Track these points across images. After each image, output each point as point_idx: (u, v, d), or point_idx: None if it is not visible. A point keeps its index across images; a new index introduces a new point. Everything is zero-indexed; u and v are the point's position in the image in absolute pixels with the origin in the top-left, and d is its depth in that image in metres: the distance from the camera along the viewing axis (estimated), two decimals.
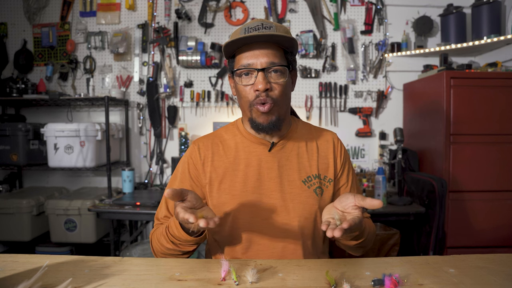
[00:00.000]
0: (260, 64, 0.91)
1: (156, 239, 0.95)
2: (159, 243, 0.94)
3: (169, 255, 0.94)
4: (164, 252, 0.94)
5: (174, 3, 2.69)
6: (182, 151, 2.69)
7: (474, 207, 2.08)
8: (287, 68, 0.95)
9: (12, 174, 2.83)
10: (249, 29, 0.92)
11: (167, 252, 0.93)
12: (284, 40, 0.92)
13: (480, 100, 2.07)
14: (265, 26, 0.92)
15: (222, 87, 2.73)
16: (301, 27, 2.68)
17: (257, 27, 0.92)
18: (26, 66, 2.74)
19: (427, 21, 2.55)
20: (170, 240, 0.90)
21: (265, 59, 0.91)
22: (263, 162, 1.00)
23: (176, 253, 0.92)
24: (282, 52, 0.95)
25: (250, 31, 0.92)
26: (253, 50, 0.92)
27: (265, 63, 0.91)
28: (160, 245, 0.93)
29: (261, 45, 0.92)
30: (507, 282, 0.72)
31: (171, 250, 0.92)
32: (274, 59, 0.92)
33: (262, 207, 0.97)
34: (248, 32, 0.92)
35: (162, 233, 0.92)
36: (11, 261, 0.83)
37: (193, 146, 1.05)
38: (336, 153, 1.06)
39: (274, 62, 0.92)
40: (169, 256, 0.94)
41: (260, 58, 0.91)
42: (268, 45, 0.92)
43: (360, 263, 0.84)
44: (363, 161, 2.72)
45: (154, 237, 0.98)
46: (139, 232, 2.73)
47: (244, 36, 0.90)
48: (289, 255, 0.96)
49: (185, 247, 0.90)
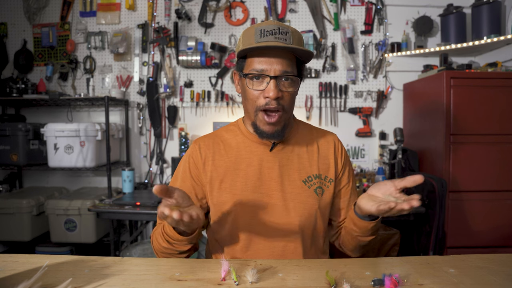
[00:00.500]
0: (274, 71, 0.90)
1: (155, 238, 0.96)
2: (157, 242, 0.94)
3: (168, 254, 0.94)
4: (162, 251, 0.94)
5: (174, 3, 2.69)
6: (182, 151, 2.69)
7: (474, 207, 2.08)
8: (299, 78, 0.95)
9: (12, 174, 2.83)
10: (265, 32, 0.90)
11: (165, 251, 0.93)
12: (300, 51, 0.91)
13: (480, 100, 2.07)
14: (281, 31, 0.90)
15: (222, 87, 2.73)
16: (301, 27, 2.68)
17: (273, 31, 0.90)
18: (26, 66, 2.74)
19: (427, 21, 2.55)
20: (165, 239, 0.90)
21: (279, 67, 0.90)
22: (264, 162, 1.00)
23: (172, 252, 0.92)
24: (295, 61, 0.94)
25: (266, 35, 0.90)
26: (268, 56, 0.90)
27: (278, 71, 0.90)
28: (158, 244, 0.94)
29: (276, 52, 0.90)
30: (507, 282, 0.72)
31: (168, 249, 0.92)
32: (288, 68, 0.91)
33: (262, 207, 0.97)
34: (264, 35, 0.90)
35: (159, 232, 0.93)
36: (11, 261, 0.83)
37: (194, 146, 1.05)
38: (337, 154, 1.06)
39: (288, 71, 0.91)
40: (168, 255, 0.94)
41: (274, 65, 0.90)
42: (283, 53, 0.91)
43: (360, 263, 0.84)
44: (363, 161, 2.72)
45: (154, 236, 0.98)
46: (139, 232, 2.73)
47: (262, 45, 0.88)
48: (289, 254, 0.96)
49: (180, 247, 0.90)
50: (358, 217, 0.91)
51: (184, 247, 0.90)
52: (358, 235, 0.95)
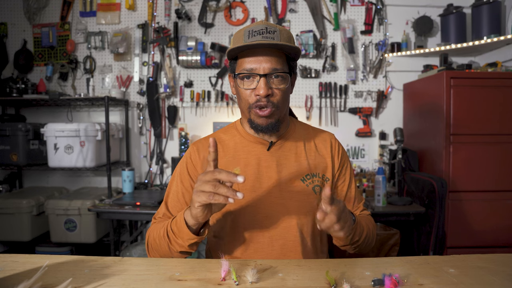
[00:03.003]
0: (263, 69, 0.92)
1: (154, 230, 0.94)
2: (156, 234, 0.92)
3: (160, 251, 0.92)
4: (156, 246, 0.92)
5: (174, 3, 2.69)
6: (182, 151, 2.69)
7: (474, 207, 2.08)
8: (289, 74, 0.96)
9: (12, 174, 2.83)
10: (253, 32, 0.92)
11: (159, 247, 0.91)
12: (287, 47, 0.93)
13: (480, 100, 2.07)
14: (269, 30, 0.92)
15: (222, 87, 2.73)
16: (301, 27, 2.68)
17: (261, 31, 0.92)
18: (26, 66, 2.74)
19: (427, 21, 2.55)
20: (166, 233, 0.88)
21: (267, 65, 0.92)
22: (262, 161, 1.01)
23: (164, 249, 0.90)
24: (284, 58, 0.96)
25: (254, 35, 0.92)
26: (256, 55, 0.92)
27: (267, 69, 0.92)
28: (156, 237, 0.92)
29: (264, 51, 0.92)
30: (507, 282, 0.72)
31: (162, 245, 0.90)
32: (277, 65, 0.93)
33: (261, 206, 0.97)
34: (252, 36, 0.92)
35: (163, 225, 0.91)
36: (11, 261, 0.83)
37: (192, 147, 1.06)
38: (333, 153, 1.07)
39: (277, 68, 0.92)
40: (161, 254, 0.92)
41: (263, 64, 0.92)
42: (271, 51, 0.93)
43: (360, 263, 0.84)
44: (363, 161, 2.72)
45: (151, 230, 0.96)
46: (139, 232, 2.73)
47: (248, 44, 0.90)
48: (289, 253, 0.97)
49: (176, 246, 0.88)
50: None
51: (179, 247, 0.88)
52: (340, 245, 0.96)
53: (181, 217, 0.86)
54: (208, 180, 0.76)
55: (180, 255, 0.90)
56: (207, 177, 0.76)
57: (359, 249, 0.99)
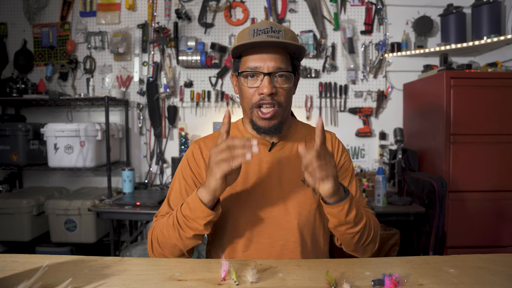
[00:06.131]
0: (267, 68, 0.92)
1: (159, 224, 0.93)
2: (162, 226, 0.91)
3: (168, 243, 0.90)
4: (163, 239, 0.90)
5: (174, 3, 2.69)
6: (182, 151, 2.69)
7: (474, 207, 2.08)
8: (293, 74, 0.96)
9: (12, 174, 2.83)
10: (258, 31, 0.93)
11: (167, 239, 0.89)
12: (292, 46, 0.93)
13: (480, 100, 2.07)
14: (274, 29, 0.92)
15: (222, 87, 2.73)
16: (301, 27, 2.68)
17: (266, 29, 0.92)
18: (26, 66, 2.74)
19: (427, 21, 2.55)
20: (176, 220, 0.86)
21: (272, 64, 0.92)
22: (263, 162, 1.01)
23: (174, 239, 0.88)
24: (289, 57, 0.96)
25: (259, 33, 0.92)
26: (261, 53, 0.92)
27: (272, 67, 0.92)
28: (163, 229, 0.90)
29: (269, 49, 0.92)
30: (507, 282, 0.72)
31: (172, 235, 0.88)
32: (281, 64, 0.93)
33: (262, 206, 0.97)
34: (257, 34, 0.92)
35: (170, 216, 0.90)
36: (11, 261, 0.83)
37: (194, 145, 1.06)
38: (334, 152, 1.06)
39: (281, 67, 0.92)
40: (167, 248, 0.91)
41: (267, 62, 0.92)
42: (276, 50, 0.93)
43: (360, 263, 0.84)
44: (363, 161, 2.72)
45: (155, 226, 0.95)
46: (139, 232, 2.73)
47: (254, 41, 0.90)
48: (289, 253, 0.97)
49: (189, 231, 0.85)
50: (324, 203, 0.87)
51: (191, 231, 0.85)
52: (335, 226, 0.89)
53: (194, 198, 0.85)
54: (224, 148, 0.79)
55: (191, 242, 0.88)
56: (222, 146, 0.79)
57: (360, 244, 0.93)
